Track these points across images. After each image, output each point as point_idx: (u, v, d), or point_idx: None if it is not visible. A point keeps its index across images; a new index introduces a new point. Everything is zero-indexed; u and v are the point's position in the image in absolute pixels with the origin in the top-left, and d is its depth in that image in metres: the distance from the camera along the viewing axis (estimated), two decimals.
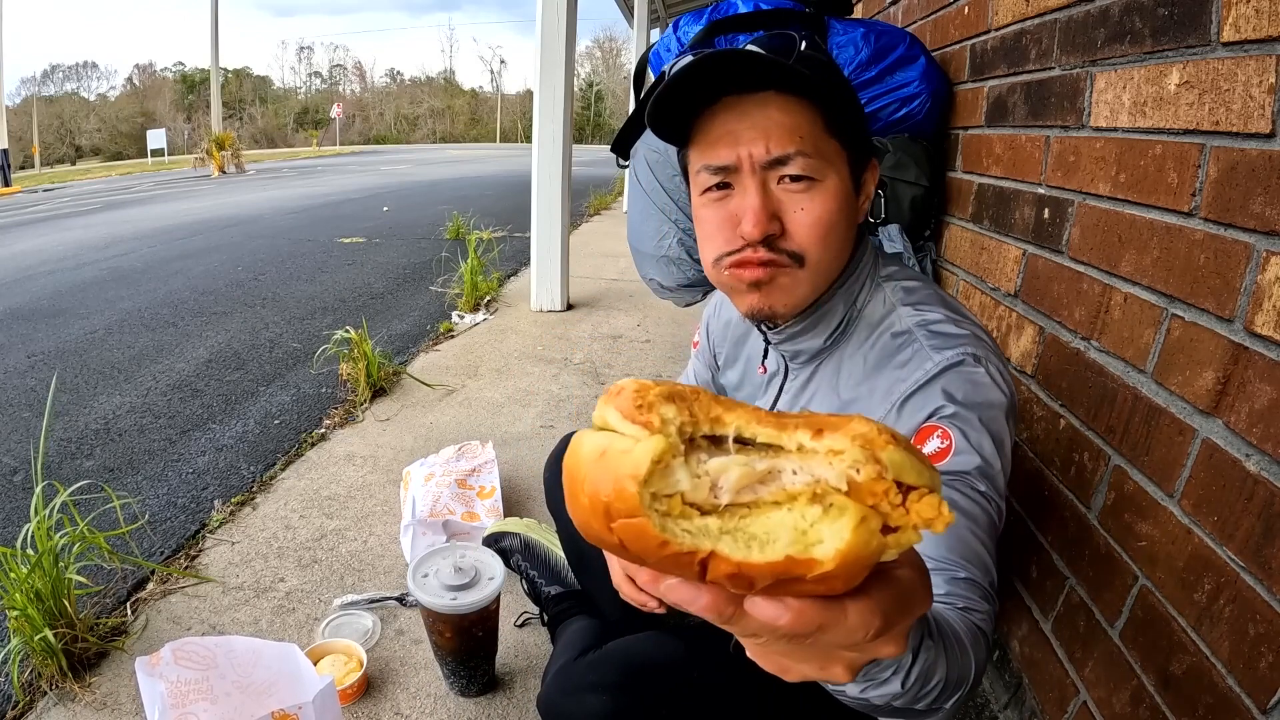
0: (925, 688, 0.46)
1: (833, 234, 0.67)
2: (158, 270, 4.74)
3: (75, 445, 2.18)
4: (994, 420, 0.65)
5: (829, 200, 0.66)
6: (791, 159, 0.64)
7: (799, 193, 0.66)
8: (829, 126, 0.66)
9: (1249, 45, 0.69)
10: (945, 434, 0.64)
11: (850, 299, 0.74)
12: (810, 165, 0.65)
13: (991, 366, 0.66)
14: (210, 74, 22.88)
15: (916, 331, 0.69)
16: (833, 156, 0.66)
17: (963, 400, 0.65)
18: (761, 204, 0.65)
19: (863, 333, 0.74)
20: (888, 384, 0.69)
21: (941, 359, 0.66)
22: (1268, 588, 0.64)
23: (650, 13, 8.60)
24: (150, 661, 0.94)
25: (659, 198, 1.54)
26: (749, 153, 0.65)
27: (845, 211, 0.68)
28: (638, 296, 3.72)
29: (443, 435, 2.11)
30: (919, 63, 1.47)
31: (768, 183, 0.66)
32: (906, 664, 0.44)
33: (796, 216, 0.66)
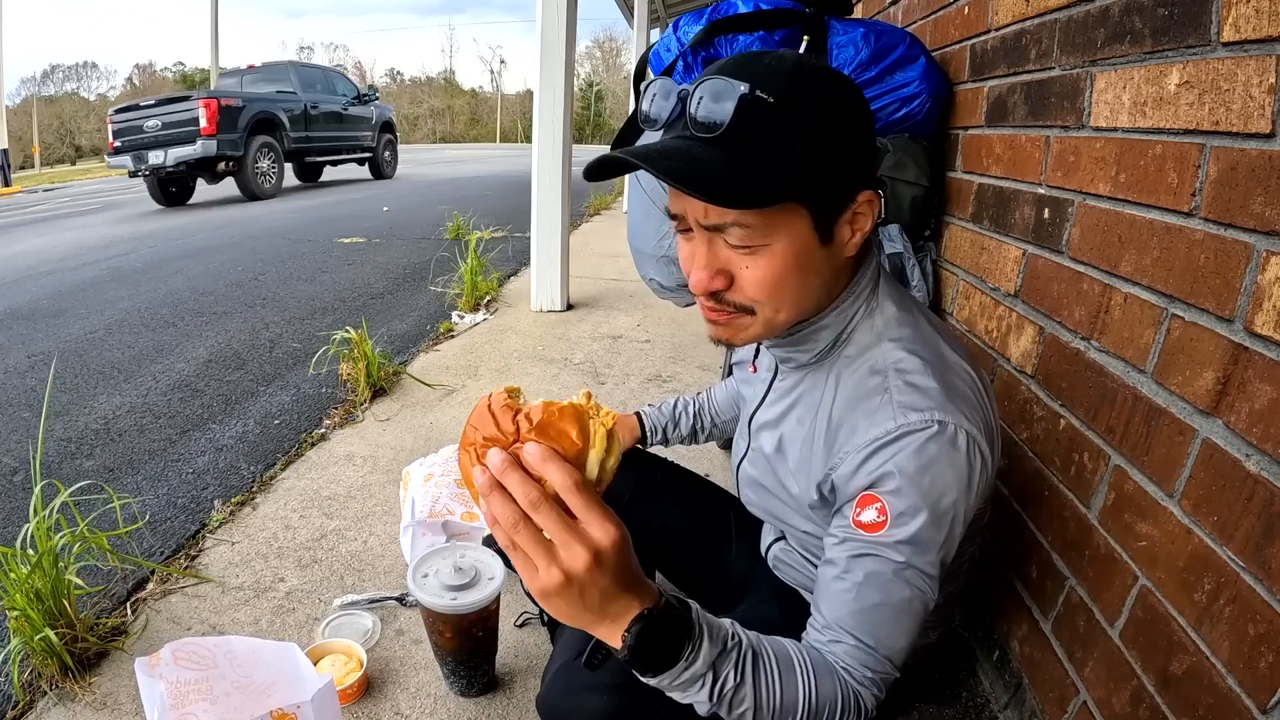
0: (735, 710, 0.59)
1: (783, 290, 0.66)
2: (158, 270, 4.74)
3: (75, 445, 2.18)
4: (941, 499, 0.64)
5: (775, 261, 0.64)
6: (727, 229, 0.63)
7: (744, 254, 0.65)
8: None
9: (1249, 45, 0.69)
10: (884, 509, 0.64)
11: (844, 322, 0.72)
12: (749, 234, 0.63)
13: (960, 434, 0.64)
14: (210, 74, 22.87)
15: (891, 377, 0.67)
16: (781, 218, 0.62)
17: (912, 476, 0.63)
18: (706, 262, 0.66)
19: (849, 356, 0.73)
20: (855, 425, 0.68)
21: (904, 423, 0.64)
22: (1268, 588, 0.64)
23: (650, 13, 8.59)
24: (150, 662, 0.94)
25: (659, 197, 1.54)
26: (694, 209, 0.64)
27: (800, 265, 0.65)
28: (638, 296, 3.72)
29: (443, 435, 2.11)
30: (919, 63, 1.47)
31: (714, 239, 0.65)
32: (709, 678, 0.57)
33: (743, 273, 0.66)
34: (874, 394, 0.68)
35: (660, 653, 0.56)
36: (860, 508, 0.66)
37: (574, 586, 0.51)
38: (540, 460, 0.50)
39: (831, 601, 0.67)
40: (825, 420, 0.72)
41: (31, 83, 46.39)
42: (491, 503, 0.50)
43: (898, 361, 0.68)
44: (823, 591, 0.69)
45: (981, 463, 0.65)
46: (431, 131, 58.01)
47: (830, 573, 0.68)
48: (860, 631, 0.65)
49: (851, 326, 0.72)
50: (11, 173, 15.12)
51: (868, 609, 0.65)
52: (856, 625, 0.66)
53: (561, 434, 0.51)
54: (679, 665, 0.56)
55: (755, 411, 0.86)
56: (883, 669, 0.66)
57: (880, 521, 0.64)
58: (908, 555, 0.64)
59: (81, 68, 50.41)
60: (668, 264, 1.60)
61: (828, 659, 0.65)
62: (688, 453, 1.96)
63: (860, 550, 0.65)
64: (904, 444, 0.64)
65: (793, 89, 0.61)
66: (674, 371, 2.69)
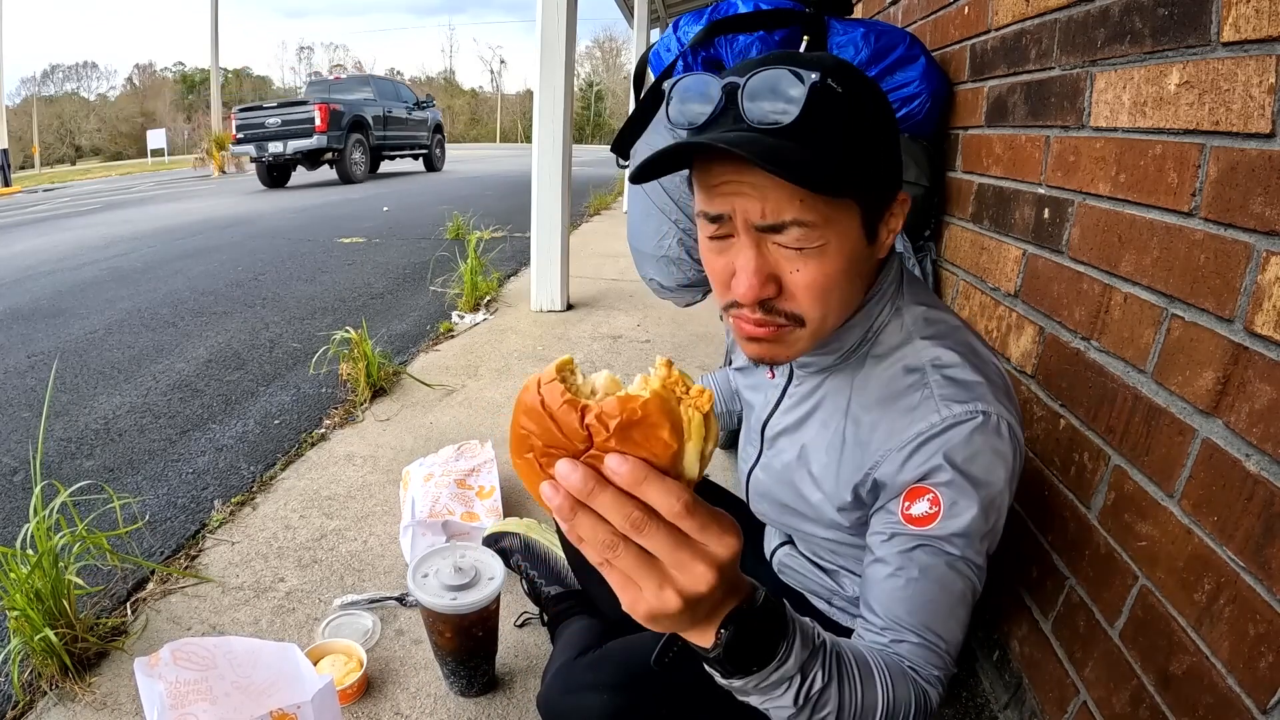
0: (819, 712, 0.54)
1: (834, 294, 0.64)
2: (158, 270, 4.73)
3: (75, 445, 2.18)
4: (990, 487, 0.64)
5: (828, 263, 0.62)
6: (787, 228, 0.60)
7: (796, 257, 0.62)
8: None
9: (1249, 45, 0.69)
10: (936, 500, 0.64)
11: (869, 323, 0.71)
12: (807, 235, 0.60)
13: (1003, 424, 0.64)
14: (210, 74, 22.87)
15: (929, 373, 0.67)
16: (838, 216, 0.61)
17: (962, 467, 0.63)
18: (755, 267, 0.62)
19: (875, 356, 0.72)
20: (894, 424, 0.67)
21: (949, 415, 0.64)
22: (1268, 588, 0.64)
23: (650, 13, 8.60)
24: (149, 662, 0.94)
25: (659, 198, 1.54)
26: (745, 208, 0.61)
27: (850, 268, 0.64)
28: (638, 296, 3.72)
29: (443, 435, 2.11)
30: (919, 63, 1.47)
31: (763, 242, 0.62)
32: (797, 682, 0.52)
33: (794, 277, 0.63)
34: (912, 390, 0.67)
35: (754, 651, 0.50)
36: (910, 501, 0.65)
37: (690, 607, 0.43)
38: (635, 483, 0.39)
39: (887, 599, 0.65)
40: (855, 422, 0.71)
41: (31, 83, 46.40)
42: (577, 526, 0.41)
43: (935, 358, 0.68)
44: (875, 590, 0.66)
45: (1020, 452, 0.66)
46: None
47: (882, 571, 0.66)
48: (921, 628, 0.64)
49: (878, 326, 0.72)
50: (11, 173, 15.12)
51: (926, 604, 0.64)
52: (917, 622, 0.64)
53: (651, 438, 0.39)
54: (771, 665, 0.50)
55: (769, 418, 0.84)
56: (945, 665, 0.64)
57: (933, 513, 0.63)
58: (960, 547, 0.64)
59: (81, 68, 50.41)
60: (668, 264, 1.60)
61: (896, 659, 0.63)
62: None
63: (912, 544, 0.64)
64: (951, 435, 0.63)
65: (853, 82, 0.61)
66: None
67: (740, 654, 0.49)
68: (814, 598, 0.90)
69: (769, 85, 0.58)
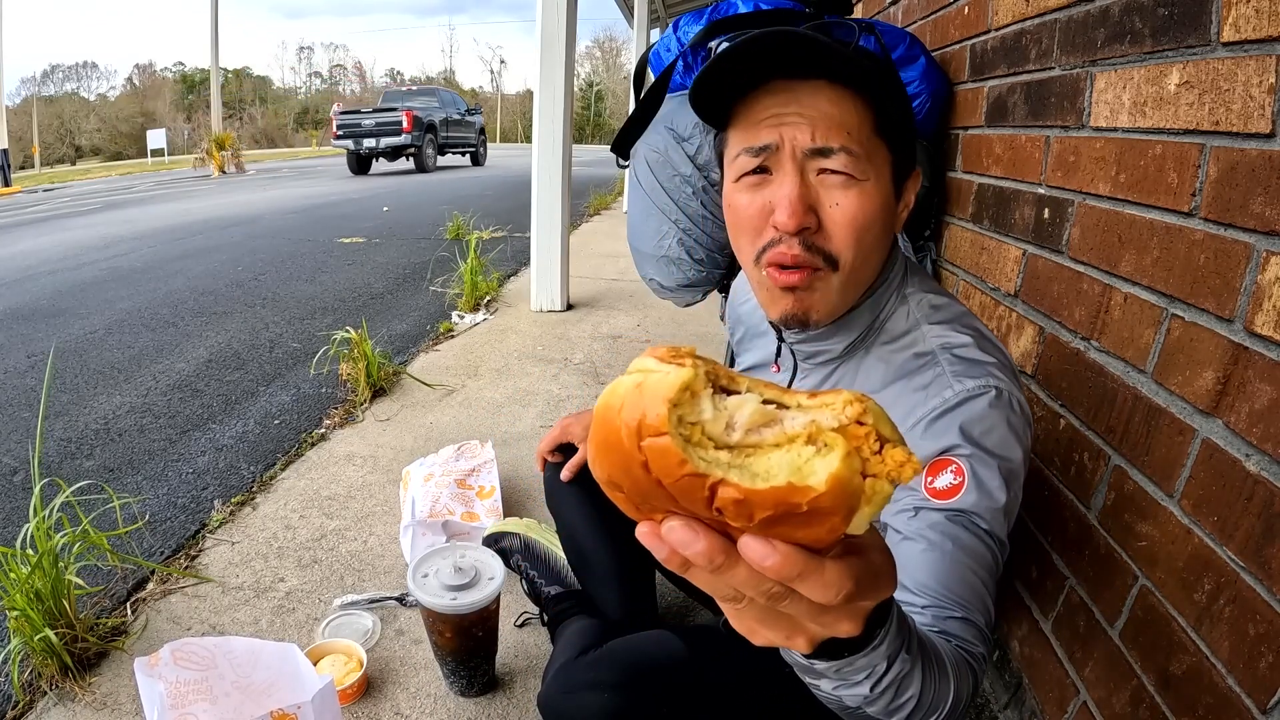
0: (897, 700, 0.47)
1: (868, 236, 0.65)
2: (158, 270, 4.74)
3: (75, 445, 2.18)
4: (1009, 461, 0.64)
5: (868, 201, 0.63)
6: (835, 153, 0.62)
7: (837, 187, 0.63)
8: (878, 127, 0.64)
9: (1249, 45, 0.69)
10: (959, 470, 0.63)
11: (876, 310, 0.73)
12: (853, 163, 0.62)
13: (1014, 399, 0.65)
14: (210, 74, 22.87)
15: (940, 355, 0.68)
16: (877, 158, 0.64)
17: (979, 439, 0.64)
18: (799, 193, 0.62)
19: (882, 344, 0.72)
20: (907, 404, 0.67)
21: (962, 389, 0.65)
22: (1268, 588, 0.64)
23: (650, 13, 8.59)
24: (149, 662, 0.94)
25: (659, 198, 1.54)
26: (793, 136, 0.62)
27: (883, 216, 0.65)
28: (638, 296, 3.72)
29: (443, 435, 2.11)
30: (919, 63, 1.47)
31: (807, 173, 0.63)
32: (880, 670, 0.44)
33: (832, 212, 0.63)
34: (924, 370, 0.68)
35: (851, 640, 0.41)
36: (932, 475, 0.64)
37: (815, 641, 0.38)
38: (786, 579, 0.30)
39: (924, 576, 0.61)
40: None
41: (31, 83, 46.39)
42: (693, 577, 0.32)
43: (944, 341, 0.69)
44: (909, 569, 0.62)
45: (1031, 429, 0.67)
46: None
47: (914, 548, 0.63)
48: (963, 603, 0.60)
49: (885, 314, 0.73)
50: (11, 173, 15.12)
51: (963, 578, 0.61)
52: (956, 597, 0.60)
53: (815, 526, 0.28)
54: (864, 650, 0.42)
55: None
56: (985, 642, 0.61)
57: (957, 484, 0.63)
58: (988, 521, 0.63)
59: (81, 68, 50.41)
60: (668, 264, 1.60)
61: (949, 641, 0.58)
62: None
63: (942, 519, 0.63)
64: (967, 409, 0.64)
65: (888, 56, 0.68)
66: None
67: (838, 642, 0.41)
68: None
69: (829, 27, 0.64)
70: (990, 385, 0.65)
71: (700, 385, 0.29)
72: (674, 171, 1.52)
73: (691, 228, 1.55)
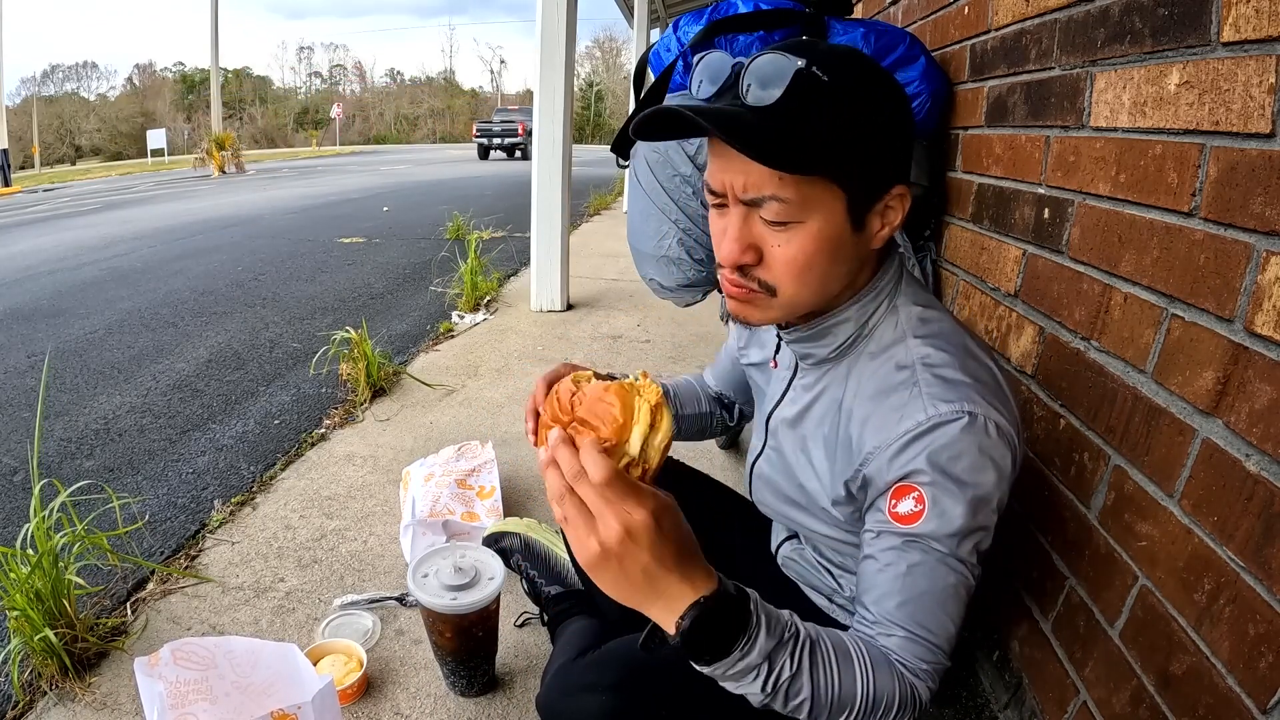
0: (790, 701, 0.60)
1: (810, 273, 0.67)
2: (158, 270, 4.74)
3: (75, 445, 2.18)
4: (977, 487, 0.64)
5: (807, 242, 0.65)
6: (765, 202, 0.64)
7: (776, 231, 0.65)
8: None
9: (1249, 45, 0.69)
10: (920, 498, 0.65)
11: (863, 318, 0.73)
12: (786, 209, 0.63)
13: (990, 424, 0.64)
14: (210, 74, 22.86)
15: (918, 371, 0.68)
16: (818, 197, 0.64)
17: (945, 467, 0.64)
18: (737, 235, 0.66)
19: (871, 353, 0.73)
20: (883, 421, 0.68)
21: (935, 413, 0.65)
22: (1268, 588, 0.64)
23: (650, 13, 8.59)
24: (149, 662, 0.94)
25: (659, 198, 1.54)
26: (732, 184, 0.65)
27: (830, 249, 0.66)
28: (638, 296, 3.72)
29: (443, 435, 2.11)
30: (919, 63, 1.47)
31: (749, 215, 0.66)
32: (764, 671, 0.58)
33: (773, 251, 0.66)
34: (901, 388, 0.68)
35: (714, 642, 0.56)
36: (895, 499, 0.66)
37: (611, 559, 0.53)
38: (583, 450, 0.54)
39: (877, 594, 0.67)
40: (848, 417, 0.73)
41: (31, 83, 46.39)
42: (547, 477, 0.55)
43: (924, 356, 0.69)
44: (866, 586, 0.69)
45: (1011, 452, 0.66)
46: (431, 131, 58.02)
47: (872, 567, 0.68)
48: (909, 623, 0.66)
49: (873, 322, 0.73)
50: (11, 173, 15.13)
51: (914, 599, 0.66)
52: (905, 617, 0.66)
53: (605, 413, 0.57)
54: (733, 655, 0.57)
55: (774, 409, 0.85)
56: (935, 659, 0.66)
57: (918, 511, 0.65)
58: (948, 545, 0.65)
59: (81, 68, 50.40)
60: (668, 264, 1.60)
61: (883, 651, 0.66)
62: (691, 451, 1.96)
63: (899, 541, 0.66)
64: (937, 435, 0.64)
65: (846, 72, 0.63)
66: (674, 371, 2.69)
67: (699, 643, 0.56)
68: (814, 594, 0.90)
69: (764, 67, 0.62)
70: (964, 410, 0.64)
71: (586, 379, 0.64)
72: (674, 171, 1.52)
73: (691, 228, 1.55)
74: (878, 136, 0.65)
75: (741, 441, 2.06)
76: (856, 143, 0.63)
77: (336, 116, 42.78)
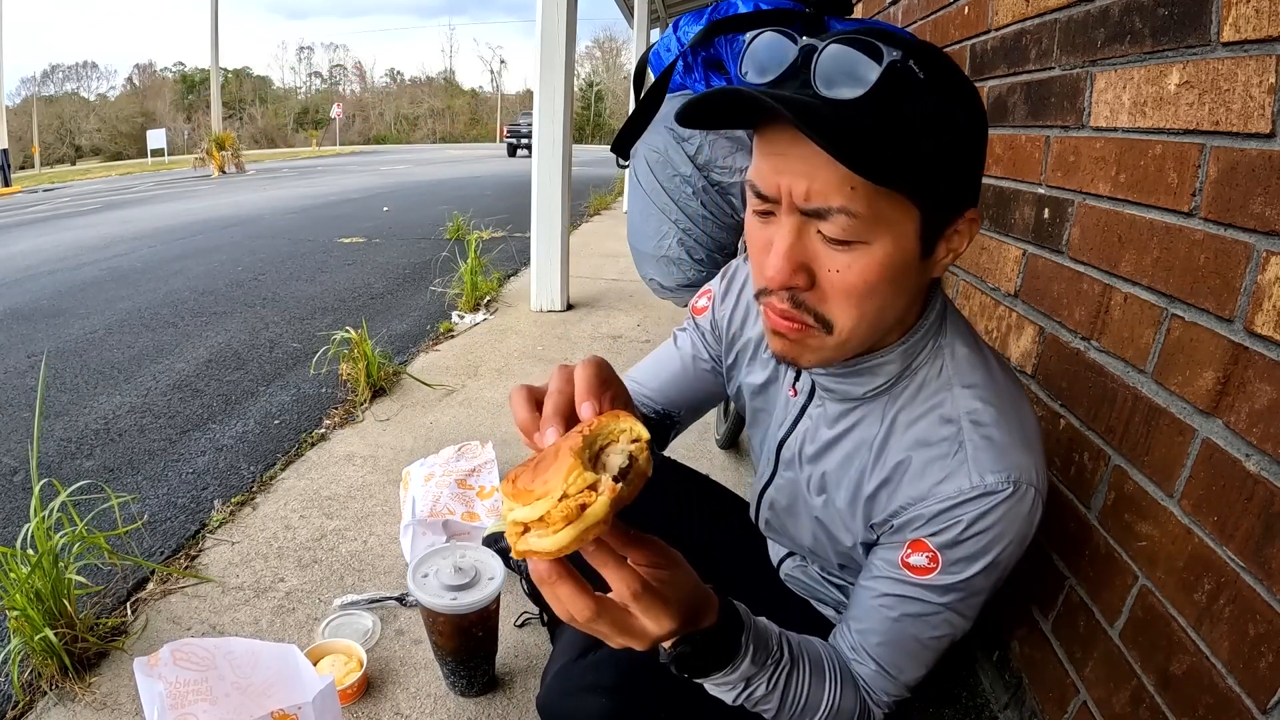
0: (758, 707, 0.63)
1: (870, 304, 0.58)
2: (158, 270, 4.74)
3: (75, 445, 2.18)
4: (999, 554, 0.63)
5: (872, 266, 0.55)
6: (831, 215, 0.54)
7: (837, 251, 0.55)
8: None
9: (1249, 45, 0.69)
10: (935, 558, 0.63)
11: (909, 358, 0.66)
12: (854, 226, 0.54)
13: (1030, 492, 0.61)
14: (210, 74, 22.88)
15: (965, 429, 0.63)
16: (893, 215, 0.54)
17: (977, 535, 0.62)
18: (788, 251, 0.56)
19: (910, 395, 0.67)
20: (923, 474, 0.64)
21: (980, 484, 0.61)
22: (1268, 588, 0.64)
23: (650, 13, 8.60)
24: (149, 662, 0.94)
25: (659, 198, 1.54)
26: (790, 189, 0.54)
27: (895, 278, 0.57)
28: (638, 296, 3.72)
29: (443, 435, 2.11)
30: None
31: (805, 227, 0.56)
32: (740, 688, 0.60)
33: (829, 276, 0.56)
34: (946, 444, 0.63)
35: (699, 665, 0.58)
36: (911, 550, 0.64)
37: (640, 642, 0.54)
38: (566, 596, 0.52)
39: (863, 627, 0.68)
40: (880, 460, 0.68)
41: (31, 83, 46.39)
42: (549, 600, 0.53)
43: (972, 412, 0.63)
44: (857, 612, 0.69)
45: (1039, 515, 0.64)
46: (431, 131, 58.06)
47: (866, 596, 0.67)
48: (886, 661, 0.67)
49: (917, 364, 0.66)
50: (11, 173, 15.13)
51: (898, 643, 0.66)
52: (884, 655, 0.67)
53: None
54: (713, 676, 0.59)
55: (786, 437, 0.79)
56: (898, 693, 0.68)
57: (930, 568, 0.63)
58: (951, 599, 0.64)
59: (81, 68, 50.41)
60: (668, 264, 1.60)
61: (853, 674, 0.68)
62: (690, 452, 1.96)
63: (902, 589, 0.65)
64: (978, 504, 0.61)
65: (942, 71, 0.54)
66: None
67: (689, 666, 0.57)
68: (820, 605, 0.89)
69: (844, 54, 0.53)
70: (1010, 481, 0.61)
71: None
72: (674, 171, 1.52)
73: (691, 228, 1.55)
74: (965, 149, 0.57)
75: (741, 441, 2.06)
76: (944, 154, 0.55)
77: (336, 116, 42.82)
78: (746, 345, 0.84)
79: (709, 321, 0.88)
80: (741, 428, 2.01)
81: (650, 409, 0.89)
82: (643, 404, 0.89)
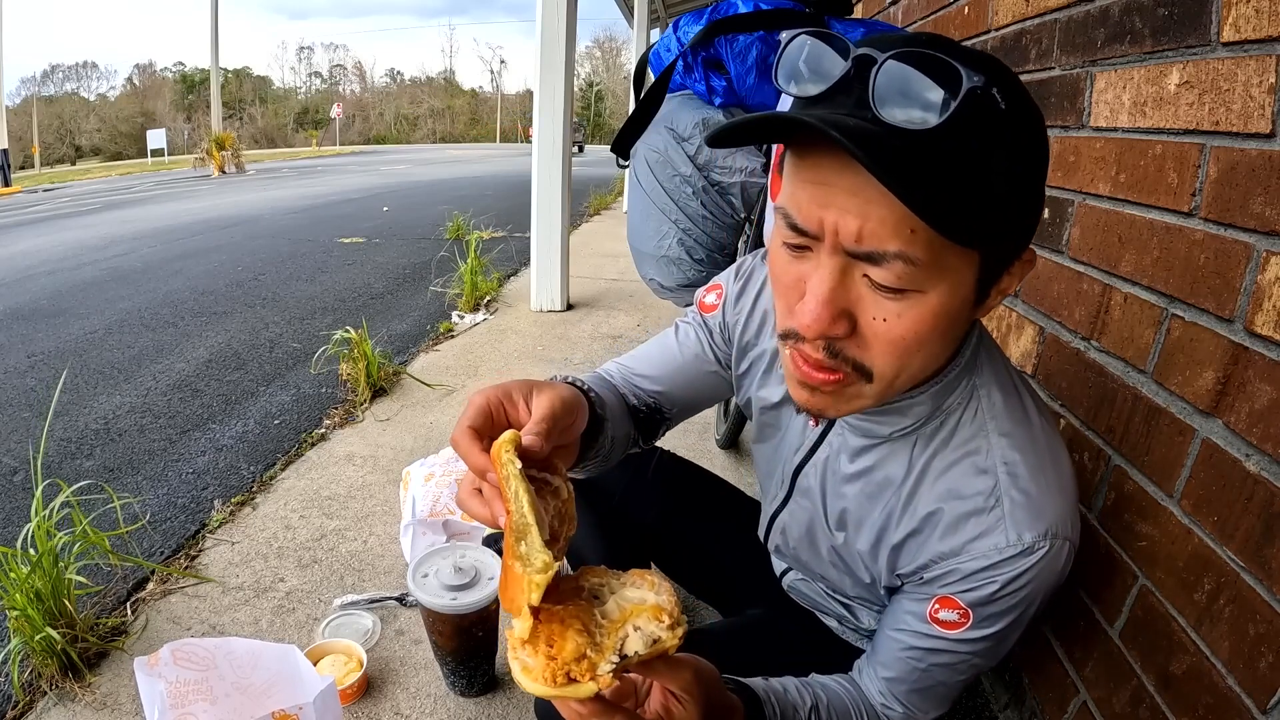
0: None
1: (920, 353, 0.52)
2: (158, 270, 4.74)
3: (75, 445, 2.18)
4: (1029, 607, 0.61)
5: (925, 318, 0.49)
6: (887, 261, 0.46)
7: (886, 299, 0.49)
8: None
9: (1249, 45, 0.69)
10: (966, 615, 0.61)
11: (940, 400, 0.61)
12: (912, 275, 0.47)
13: (1065, 547, 0.59)
14: (210, 74, 22.87)
15: (1003, 484, 0.59)
16: (953, 263, 0.47)
17: (1009, 594, 0.59)
18: (829, 297, 0.49)
19: (943, 440, 0.62)
20: (956, 527, 0.61)
21: (1017, 543, 0.58)
22: (1268, 588, 0.64)
23: (650, 13, 8.60)
24: (149, 662, 0.94)
25: (659, 198, 1.54)
26: (837, 225, 0.47)
27: (947, 328, 0.51)
28: (638, 296, 3.72)
29: (443, 435, 2.11)
30: None
31: (850, 269, 0.49)
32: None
33: (874, 324, 0.50)
34: (982, 498, 0.60)
35: None
36: (941, 606, 0.63)
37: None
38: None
39: (891, 674, 0.69)
40: (907, 506, 0.64)
41: (31, 83, 46.43)
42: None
43: (1010, 464, 0.59)
44: (884, 659, 0.69)
45: (1070, 567, 0.61)
46: (431, 131, 58.05)
47: (894, 648, 0.67)
48: (914, 705, 0.69)
49: (948, 405, 0.61)
50: (11, 173, 15.13)
51: (926, 689, 0.68)
52: (912, 700, 0.68)
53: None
54: None
55: (804, 463, 0.74)
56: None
57: (959, 622, 0.62)
58: (979, 649, 0.64)
59: (81, 68, 50.42)
60: (668, 264, 1.60)
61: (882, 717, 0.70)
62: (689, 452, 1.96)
63: (931, 644, 0.65)
64: (1016, 563, 0.58)
65: (1021, 99, 0.47)
66: None
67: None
68: (825, 617, 0.89)
69: (913, 75, 0.44)
70: (1046, 539, 0.58)
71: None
72: (674, 171, 1.52)
73: (691, 228, 1.55)
74: (1035, 189, 0.50)
75: (742, 441, 2.06)
76: (1016, 195, 0.48)
77: (336, 116, 42.80)
78: (761, 357, 0.78)
79: (718, 322, 0.81)
80: (741, 428, 2.01)
81: (642, 401, 0.81)
82: (635, 393, 0.81)
